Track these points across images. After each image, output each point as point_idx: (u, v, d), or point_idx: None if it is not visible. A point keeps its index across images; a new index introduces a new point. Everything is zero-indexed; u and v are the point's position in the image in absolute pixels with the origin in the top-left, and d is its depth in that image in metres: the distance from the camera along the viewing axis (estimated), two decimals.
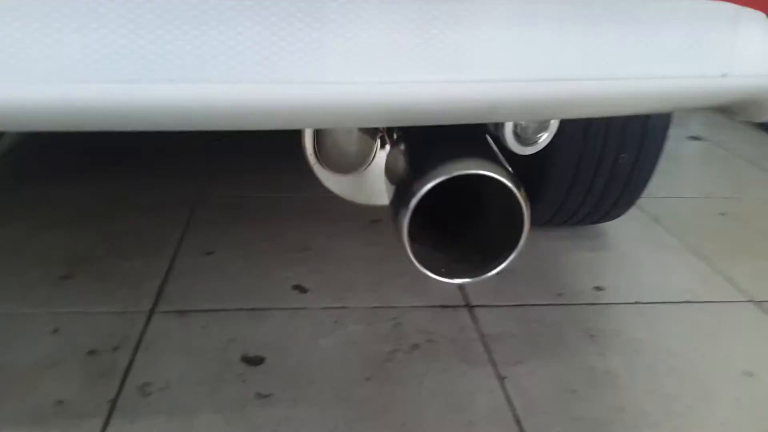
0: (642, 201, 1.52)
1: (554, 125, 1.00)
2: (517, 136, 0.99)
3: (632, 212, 1.56)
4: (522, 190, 0.67)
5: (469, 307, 1.27)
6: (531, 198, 0.71)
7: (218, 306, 1.24)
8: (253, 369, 1.07)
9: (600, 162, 1.36)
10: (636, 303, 1.30)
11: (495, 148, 0.82)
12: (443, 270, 0.66)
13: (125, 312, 1.20)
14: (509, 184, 0.67)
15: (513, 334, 1.19)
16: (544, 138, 1.00)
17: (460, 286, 1.34)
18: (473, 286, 1.34)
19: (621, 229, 1.63)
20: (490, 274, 0.67)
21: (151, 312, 1.21)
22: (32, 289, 1.27)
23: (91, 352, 1.09)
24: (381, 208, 1.00)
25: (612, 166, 1.36)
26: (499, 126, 0.88)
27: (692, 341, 1.18)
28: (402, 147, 0.84)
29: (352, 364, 1.08)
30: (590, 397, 1.02)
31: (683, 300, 1.32)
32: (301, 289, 1.31)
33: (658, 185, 1.62)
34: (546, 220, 1.52)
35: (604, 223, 1.62)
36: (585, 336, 1.18)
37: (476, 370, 1.08)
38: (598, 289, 1.35)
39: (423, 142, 0.79)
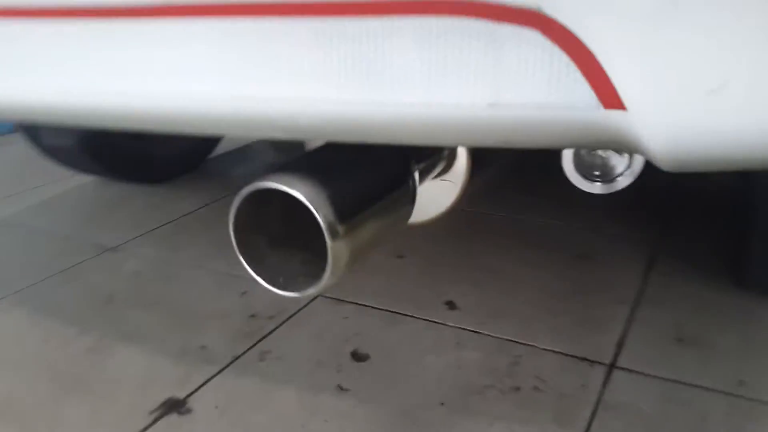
0: None
1: (636, 165, 0.83)
2: (583, 169, 0.86)
3: None
4: (332, 211, 0.59)
5: (611, 366, 1.10)
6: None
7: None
8: (356, 364, 1.14)
9: None
10: None
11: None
12: (281, 280, 0.64)
13: None
14: (304, 200, 0.61)
15: (638, 411, 1.00)
16: (622, 179, 0.84)
17: (620, 343, 1.17)
18: (634, 346, 1.16)
19: None
20: (305, 292, 0.61)
21: None
22: None
23: None
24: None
25: None
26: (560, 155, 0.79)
27: None
28: None
29: (436, 386, 1.07)
30: None
31: None
32: (451, 305, 1.32)
33: None
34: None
35: None
36: None
37: None
38: None
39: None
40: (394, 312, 1.30)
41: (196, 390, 1.09)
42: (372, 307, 1.32)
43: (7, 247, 1.73)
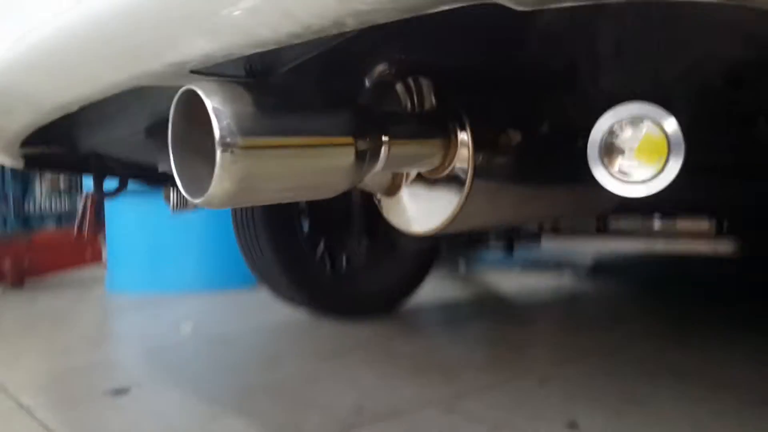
0: None
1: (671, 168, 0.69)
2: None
3: None
4: (232, 122, 0.59)
5: None
6: None
7: None
8: None
9: None
10: None
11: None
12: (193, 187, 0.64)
13: None
14: (205, 100, 0.62)
15: None
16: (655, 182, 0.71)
17: None
18: None
19: None
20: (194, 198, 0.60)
21: None
22: None
23: None
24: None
25: None
26: None
27: None
28: None
29: None
30: None
31: None
32: (572, 425, 1.12)
33: None
34: None
35: None
36: None
37: None
38: None
39: None
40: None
41: None
42: None
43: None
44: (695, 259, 3.45)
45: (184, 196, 1.83)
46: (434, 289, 2.68)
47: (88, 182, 3.47)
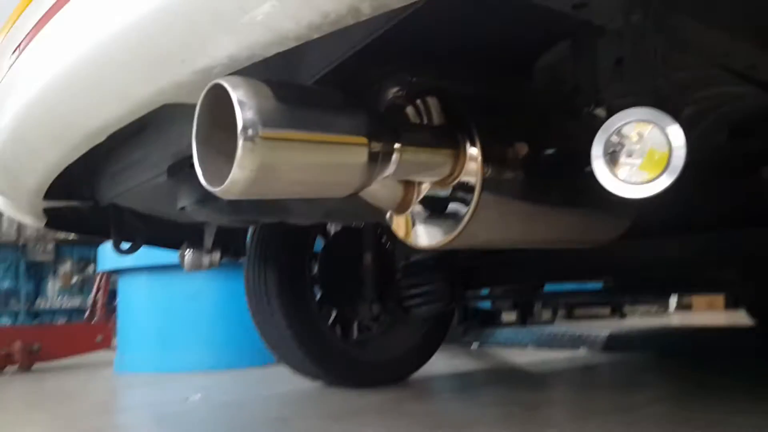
0: None
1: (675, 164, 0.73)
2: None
3: None
4: (256, 113, 0.65)
5: None
6: None
7: None
8: None
9: None
10: None
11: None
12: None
13: None
14: (230, 91, 0.66)
15: None
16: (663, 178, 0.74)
17: None
18: None
19: None
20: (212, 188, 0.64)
21: None
22: None
23: None
24: None
25: None
26: None
27: None
28: None
29: None
30: None
31: None
32: None
33: None
34: None
35: None
36: None
37: None
38: None
39: None
40: None
41: None
42: None
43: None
44: (712, 329, 3.39)
45: (198, 255, 1.85)
46: (446, 364, 2.64)
47: (102, 262, 3.52)
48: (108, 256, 3.41)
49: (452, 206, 0.91)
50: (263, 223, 2.11)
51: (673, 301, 4.95)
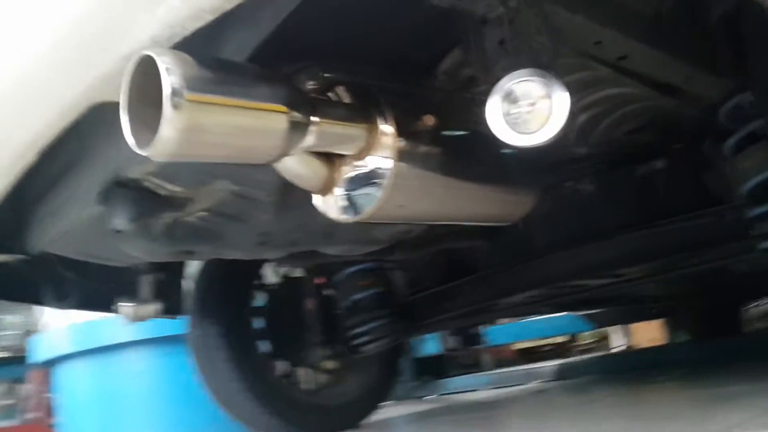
0: None
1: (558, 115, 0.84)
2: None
3: None
4: (181, 78, 0.72)
5: None
6: None
7: None
8: None
9: None
10: None
11: None
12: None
13: None
14: (156, 57, 0.72)
15: None
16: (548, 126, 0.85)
17: None
18: None
19: None
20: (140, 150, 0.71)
21: None
22: None
23: None
24: None
25: None
26: None
27: None
28: None
29: None
30: None
31: None
32: None
33: None
34: None
35: None
36: None
37: None
38: None
39: None
40: None
41: None
42: None
43: None
44: (652, 348, 3.51)
45: (138, 308, 1.83)
46: (401, 410, 2.63)
47: (34, 354, 3.37)
48: (41, 346, 3.29)
49: (372, 179, 0.98)
50: (198, 270, 2.12)
51: (616, 340, 5.08)
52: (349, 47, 1.05)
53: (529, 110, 0.92)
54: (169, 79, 0.74)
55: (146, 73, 0.77)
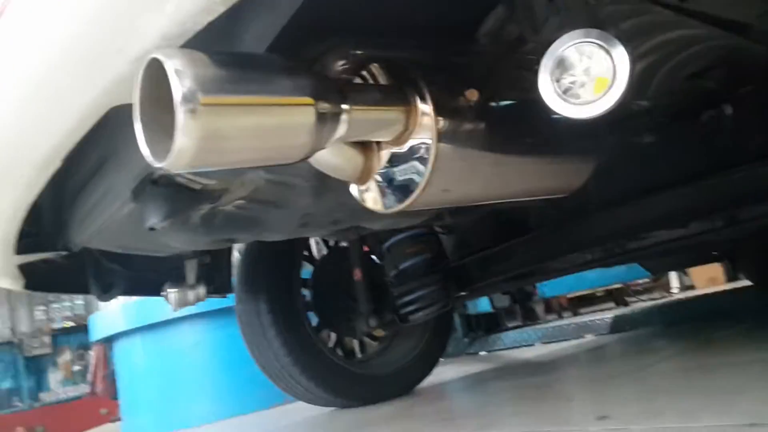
0: None
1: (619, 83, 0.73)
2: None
3: None
4: (193, 82, 0.64)
5: None
6: None
7: None
8: None
9: None
10: None
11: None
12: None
13: None
14: (165, 62, 0.65)
15: None
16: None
17: None
18: None
19: None
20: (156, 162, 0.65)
21: None
22: None
23: None
24: None
25: None
26: None
27: None
28: None
29: None
30: None
31: None
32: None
33: None
34: None
35: None
36: None
37: None
38: None
39: None
40: None
41: None
42: None
43: None
44: (712, 295, 3.37)
45: (183, 292, 1.81)
46: (454, 371, 2.60)
47: (94, 332, 3.46)
48: (100, 324, 3.37)
49: (413, 164, 0.90)
50: (244, 245, 2.09)
51: (674, 280, 4.93)
52: (378, 17, 0.95)
53: (585, 77, 0.82)
54: (180, 83, 0.67)
55: (158, 77, 0.69)
